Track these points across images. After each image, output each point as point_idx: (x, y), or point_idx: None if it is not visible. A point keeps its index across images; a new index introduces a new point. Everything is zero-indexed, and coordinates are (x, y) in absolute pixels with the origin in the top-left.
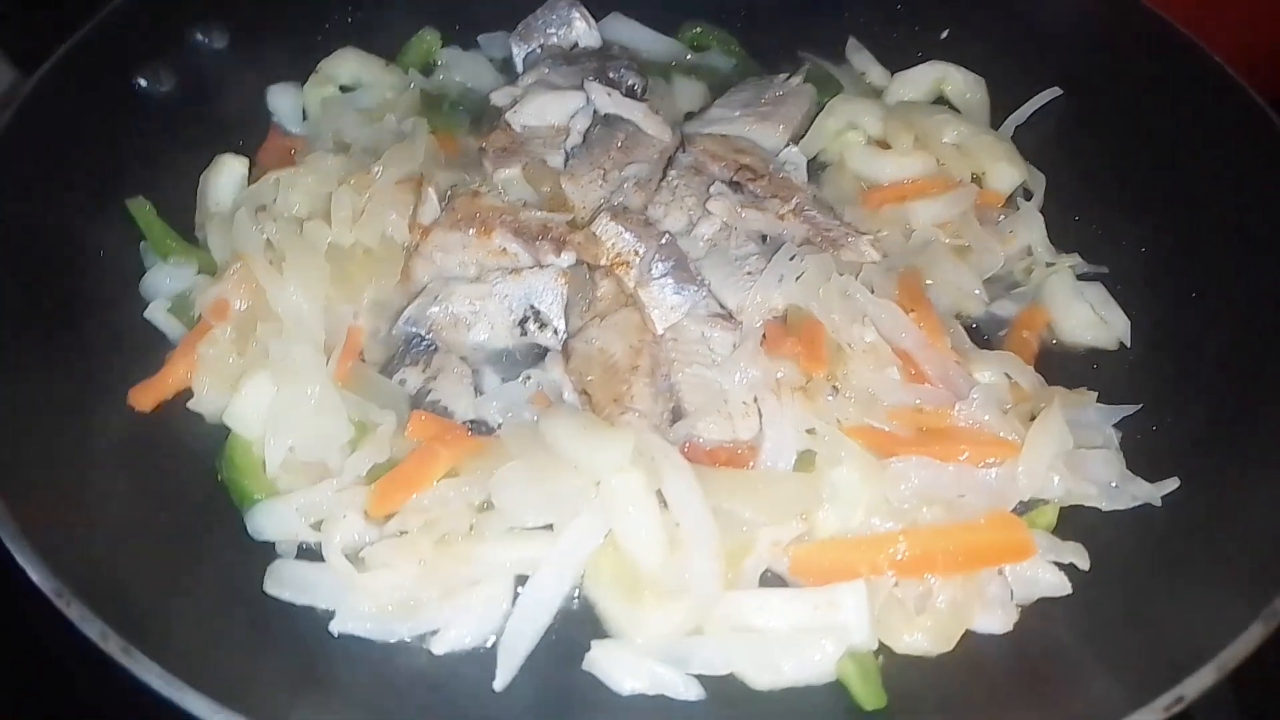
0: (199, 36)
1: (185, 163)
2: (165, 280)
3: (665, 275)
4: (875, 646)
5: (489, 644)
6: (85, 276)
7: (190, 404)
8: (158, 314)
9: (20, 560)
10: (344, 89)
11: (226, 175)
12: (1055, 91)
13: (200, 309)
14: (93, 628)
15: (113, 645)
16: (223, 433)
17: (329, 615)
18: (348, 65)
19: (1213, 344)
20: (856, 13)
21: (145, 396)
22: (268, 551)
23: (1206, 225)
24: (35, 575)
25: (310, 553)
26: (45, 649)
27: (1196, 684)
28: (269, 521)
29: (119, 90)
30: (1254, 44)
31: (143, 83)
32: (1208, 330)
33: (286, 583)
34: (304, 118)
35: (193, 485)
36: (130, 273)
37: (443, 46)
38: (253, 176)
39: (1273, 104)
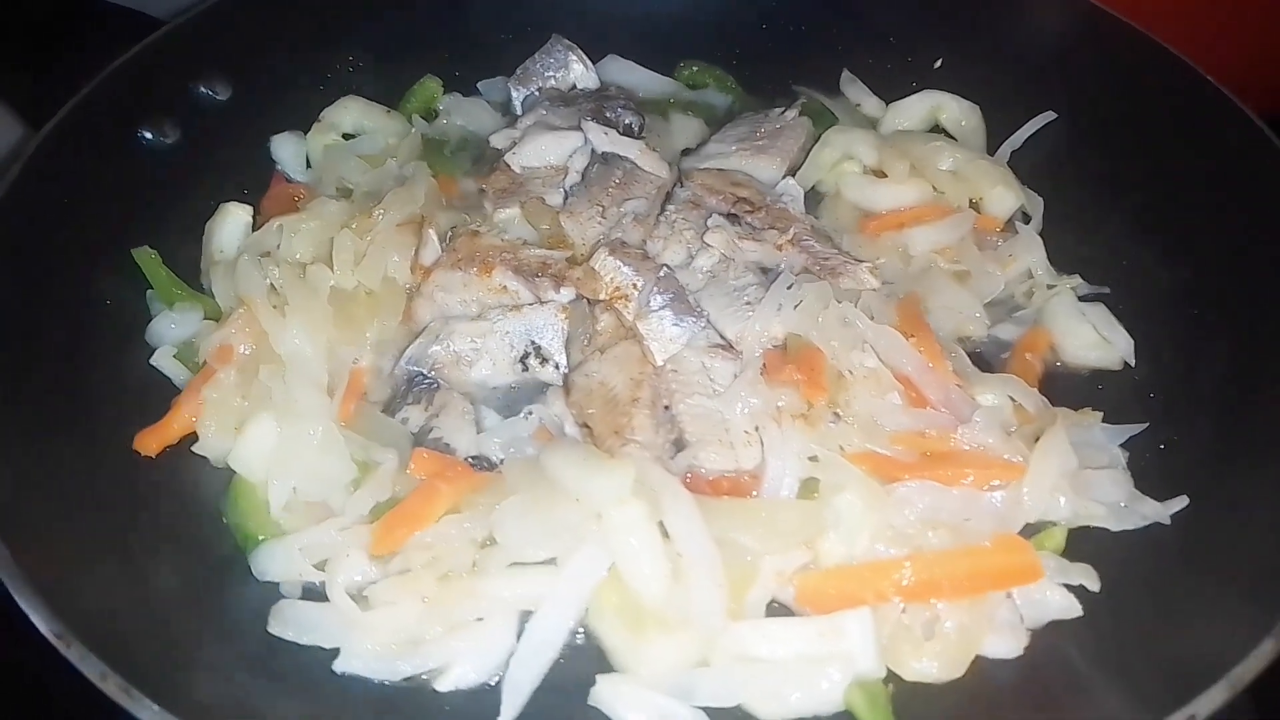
0: (202, 89)
1: (190, 212)
2: (170, 327)
3: (664, 307)
4: (883, 674)
5: (494, 681)
6: (92, 324)
7: (195, 448)
8: (164, 360)
9: (22, 604)
10: (347, 136)
11: (231, 223)
12: (1050, 115)
13: (205, 354)
14: (92, 668)
15: (111, 685)
16: (228, 476)
17: (334, 655)
18: (350, 113)
19: (1217, 360)
20: (850, 45)
21: (150, 441)
22: (273, 592)
23: (1205, 242)
24: (36, 618)
25: (315, 593)
26: (53, 699)
27: (1208, 702)
28: (273, 562)
29: (125, 143)
30: (1248, 62)
31: (148, 135)
32: (1211, 347)
33: (290, 623)
34: (308, 165)
35: (198, 528)
36: (136, 320)
37: (444, 93)
38: (257, 224)
39: (1268, 120)
